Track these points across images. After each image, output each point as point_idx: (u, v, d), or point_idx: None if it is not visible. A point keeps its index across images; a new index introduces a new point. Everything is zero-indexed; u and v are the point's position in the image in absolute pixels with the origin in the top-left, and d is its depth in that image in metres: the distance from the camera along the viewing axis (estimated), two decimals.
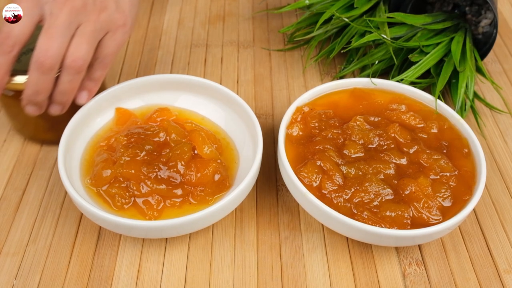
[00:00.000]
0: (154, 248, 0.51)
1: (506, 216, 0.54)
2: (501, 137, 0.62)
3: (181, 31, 0.76)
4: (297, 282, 0.48)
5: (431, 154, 0.52)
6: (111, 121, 0.58)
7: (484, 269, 0.50)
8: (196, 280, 0.49)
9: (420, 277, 0.49)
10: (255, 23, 0.77)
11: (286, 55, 0.72)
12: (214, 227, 0.53)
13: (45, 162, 0.58)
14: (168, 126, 0.54)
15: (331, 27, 0.68)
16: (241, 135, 0.57)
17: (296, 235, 0.52)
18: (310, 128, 0.54)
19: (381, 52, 0.65)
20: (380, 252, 0.51)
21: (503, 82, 0.69)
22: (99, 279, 0.48)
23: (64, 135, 0.52)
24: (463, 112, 0.61)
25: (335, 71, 0.70)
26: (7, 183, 0.56)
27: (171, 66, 0.70)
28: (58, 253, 0.50)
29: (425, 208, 0.48)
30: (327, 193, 0.49)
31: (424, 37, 0.64)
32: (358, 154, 0.52)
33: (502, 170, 0.58)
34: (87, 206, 0.47)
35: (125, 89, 0.58)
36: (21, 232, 0.52)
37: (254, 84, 0.68)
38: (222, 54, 0.72)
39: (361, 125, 0.54)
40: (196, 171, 0.50)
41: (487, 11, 0.66)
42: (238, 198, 0.49)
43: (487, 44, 0.65)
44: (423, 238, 0.47)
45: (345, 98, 0.58)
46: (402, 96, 0.59)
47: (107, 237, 0.52)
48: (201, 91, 0.60)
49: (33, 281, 0.48)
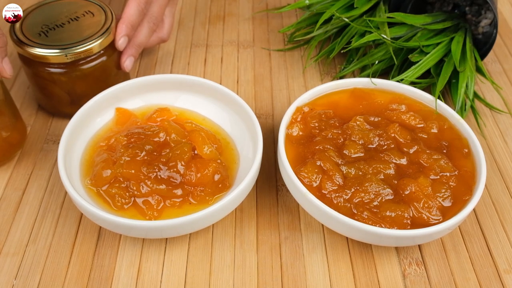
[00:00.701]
0: (154, 248, 0.51)
1: (506, 216, 0.54)
2: (501, 137, 0.62)
3: (181, 31, 0.76)
4: (297, 282, 0.48)
5: (431, 154, 0.52)
6: (111, 121, 0.58)
7: (484, 269, 0.50)
8: (196, 280, 0.49)
9: (420, 277, 0.49)
10: (255, 23, 0.77)
11: (286, 55, 0.72)
12: (214, 227, 0.53)
13: (45, 162, 0.58)
14: (168, 126, 0.54)
15: (331, 27, 0.68)
16: (241, 135, 0.57)
17: (296, 235, 0.52)
18: (310, 128, 0.54)
19: (381, 52, 0.65)
20: (380, 252, 0.51)
21: (503, 82, 0.69)
22: (99, 279, 0.48)
23: (64, 135, 0.52)
24: (463, 112, 0.61)
25: (335, 71, 0.70)
26: (7, 183, 0.56)
27: (171, 66, 0.70)
28: (58, 253, 0.50)
29: (425, 208, 0.48)
30: (327, 193, 0.49)
31: (424, 37, 0.64)
32: (358, 154, 0.52)
33: (502, 170, 0.58)
34: (87, 206, 0.47)
35: (125, 89, 0.58)
36: (21, 232, 0.52)
37: (254, 84, 0.68)
38: (222, 54, 0.72)
39: (361, 125, 0.54)
40: (196, 171, 0.50)
41: (487, 11, 0.66)
42: (238, 198, 0.49)
43: (487, 44, 0.65)
44: (423, 238, 0.47)
45: (345, 98, 0.58)
46: (402, 96, 0.59)
47: (107, 237, 0.52)
48: (201, 91, 0.60)
49: (33, 281, 0.48)
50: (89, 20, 0.58)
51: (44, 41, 0.55)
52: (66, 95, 0.59)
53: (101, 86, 0.59)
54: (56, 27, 0.57)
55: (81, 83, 0.58)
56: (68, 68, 0.57)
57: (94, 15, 0.59)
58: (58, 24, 0.57)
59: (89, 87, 0.59)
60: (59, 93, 0.59)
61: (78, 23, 0.58)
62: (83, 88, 0.59)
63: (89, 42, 0.56)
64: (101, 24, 0.58)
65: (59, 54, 0.55)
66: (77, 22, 0.58)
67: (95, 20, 0.58)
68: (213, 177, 0.51)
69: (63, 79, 0.57)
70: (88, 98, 0.56)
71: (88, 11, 0.59)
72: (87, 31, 0.57)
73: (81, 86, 0.59)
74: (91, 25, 0.58)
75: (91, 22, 0.58)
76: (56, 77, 0.57)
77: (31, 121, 0.62)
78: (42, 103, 0.63)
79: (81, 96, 0.59)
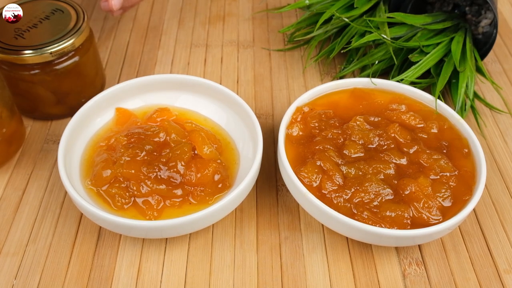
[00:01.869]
0: (154, 248, 0.51)
1: (506, 216, 0.54)
2: (501, 137, 0.62)
3: (181, 31, 0.76)
4: (297, 282, 0.48)
5: (431, 154, 0.52)
6: (111, 121, 0.58)
7: (484, 269, 0.50)
8: (196, 280, 0.49)
9: (420, 277, 0.49)
10: (255, 23, 0.77)
11: (286, 55, 0.72)
12: (214, 227, 0.53)
13: (45, 162, 0.58)
14: (168, 126, 0.54)
15: (331, 27, 0.68)
16: (241, 135, 0.57)
17: (296, 235, 0.52)
18: (310, 128, 0.54)
19: (381, 52, 0.65)
20: (380, 252, 0.51)
21: (503, 82, 0.69)
22: (99, 279, 0.48)
23: (64, 135, 0.52)
24: (463, 112, 0.61)
25: (335, 71, 0.70)
26: (7, 183, 0.56)
27: (171, 66, 0.70)
28: (58, 253, 0.50)
29: (425, 208, 0.48)
30: (327, 193, 0.49)
31: (424, 37, 0.64)
32: (358, 154, 0.52)
33: (502, 170, 0.58)
34: (87, 206, 0.47)
35: (125, 89, 0.58)
36: (21, 232, 0.52)
37: (254, 84, 0.68)
38: (222, 54, 0.72)
39: (361, 125, 0.54)
40: (196, 171, 0.50)
41: (487, 11, 0.66)
42: (238, 198, 0.49)
43: (487, 44, 0.65)
44: (423, 238, 0.47)
45: (345, 98, 0.58)
46: (402, 96, 0.59)
47: (107, 237, 0.51)
48: (201, 91, 0.60)
49: (33, 281, 0.48)
50: (60, 17, 0.59)
51: (24, 43, 0.55)
52: (51, 95, 0.59)
53: (84, 81, 0.60)
54: (29, 29, 0.57)
55: (66, 80, 0.59)
56: (51, 67, 0.57)
57: (64, 12, 0.59)
58: (31, 25, 0.57)
59: (73, 83, 0.60)
60: (44, 94, 0.59)
61: (50, 22, 0.58)
62: (68, 85, 0.59)
63: (69, 37, 0.56)
64: (74, 19, 0.58)
65: (42, 54, 0.55)
66: (49, 20, 0.58)
67: (66, 16, 0.59)
68: (213, 177, 0.51)
69: (48, 79, 0.57)
70: (74, 96, 0.57)
71: (56, 9, 0.60)
72: (63, 27, 0.57)
73: (66, 84, 0.59)
74: (64, 21, 0.58)
75: (63, 18, 0.59)
76: (41, 77, 0.57)
77: (31, 121, 0.62)
78: (27, 109, 0.62)
79: (67, 93, 0.60)
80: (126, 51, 0.72)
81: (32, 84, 0.57)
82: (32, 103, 0.60)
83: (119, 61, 0.70)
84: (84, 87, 0.61)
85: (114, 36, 0.74)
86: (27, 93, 0.59)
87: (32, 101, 0.60)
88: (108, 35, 0.75)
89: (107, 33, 0.75)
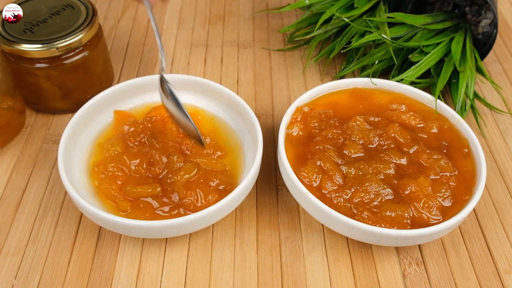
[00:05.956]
0: (154, 248, 0.51)
1: (506, 216, 0.54)
2: (501, 137, 0.62)
3: (181, 31, 0.76)
4: (297, 282, 0.48)
5: (431, 154, 0.52)
6: (111, 122, 0.58)
7: (484, 269, 0.50)
8: (196, 280, 0.49)
9: (420, 277, 0.49)
10: (255, 23, 0.77)
11: (286, 55, 0.72)
12: (214, 227, 0.53)
13: (45, 162, 0.58)
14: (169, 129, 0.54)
15: (331, 27, 0.68)
16: (241, 135, 0.57)
17: (296, 235, 0.52)
18: (310, 128, 0.54)
19: (381, 52, 0.65)
20: (380, 252, 0.51)
21: (503, 82, 0.69)
22: (99, 279, 0.48)
23: (64, 135, 0.52)
24: (463, 112, 0.61)
25: (335, 71, 0.70)
26: (7, 183, 0.56)
27: (171, 66, 0.70)
28: (58, 253, 0.50)
29: (425, 208, 0.48)
30: (327, 193, 0.49)
31: (424, 37, 0.64)
32: (358, 154, 0.52)
33: (502, 170, 0.58)
34: (87, 206, 0.47)
35: (125, 89, 0.58)
36: (21, 232, 0.52)
37: (254, 84, 0.68)
38: (222, 54, 0.72)
39: (361, 125, 0.54)
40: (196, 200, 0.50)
41: (487, 11, 0.66)
42: (238, 198, 0.49)
43: (487, 44, 0.65)
44: (423, 238, 0.47)
45: (345, 98, 0.58)
46: (402, 96, 0.59)
47: (107, 237, 0.51)
48: (201, 91, 0.60)
49: (33, 281, 0.48)
50: (71, 13, 0.59)
51: (32, 37, 0.56)
52: (57, 90, 0.60)
53: (91, 77, 0.60)
54: (39, 23, 0.58)
55: (71, 75, 0.59)
56: (58, 62, 0.57)
57: (74, 8, 0.60)
58: (41, 20, 0.58)
59: (80, 79, 0.60)
60: (50, 88, 0.59)
61: (60, 17, 0.59)
62: (74, 80, 0.60)
63: (77, 33, 0.57)
64: (83, 15, 0.59)
65: (49, 48, 0.55)
66: (59, 16, 0.59)
67: (77, 12, 0.59)
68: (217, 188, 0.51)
69: (54, 73, 0.58)
70: (80, 91, 0.58)
71: (67, 4, 0.60)
72: (72, 23, 0.58)
73: (72, 79, 0.59)
74: (74, 17, 0.59)
75: (73, 14, 0.59)
76: (47, 71, 0.57)
77: (31, 121, 0.62)
78: (33, 101, 0.63)
79: (72, 89, 0.60)
80: (126, 51, 0.72)
81: (38, 77, 0.58)
82: (37, 96, 0.61)
83: (119, 61, 0.70)
84: (90, 84, 0.62)
85: (114, 36, 0.74)
86: (33, 86, 0.59)
87: (37, 94, 0.60)
88: (108, 35, 0.75)
89: (107, 33, 0.75)
